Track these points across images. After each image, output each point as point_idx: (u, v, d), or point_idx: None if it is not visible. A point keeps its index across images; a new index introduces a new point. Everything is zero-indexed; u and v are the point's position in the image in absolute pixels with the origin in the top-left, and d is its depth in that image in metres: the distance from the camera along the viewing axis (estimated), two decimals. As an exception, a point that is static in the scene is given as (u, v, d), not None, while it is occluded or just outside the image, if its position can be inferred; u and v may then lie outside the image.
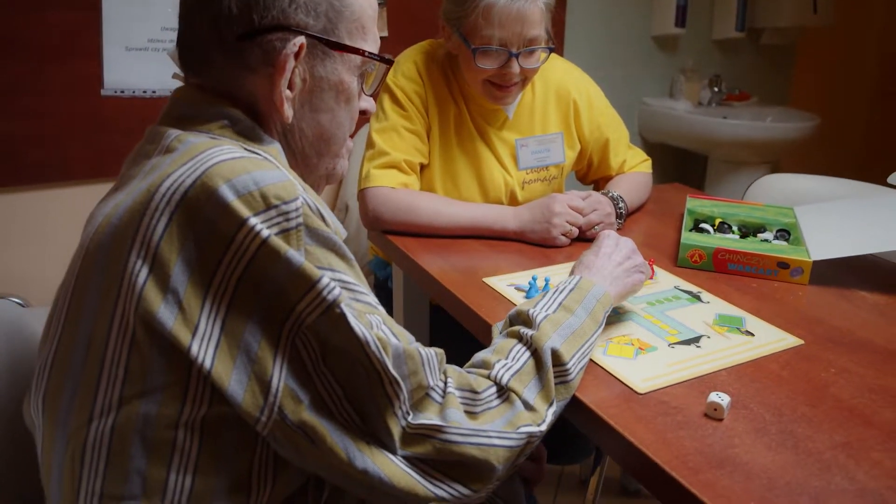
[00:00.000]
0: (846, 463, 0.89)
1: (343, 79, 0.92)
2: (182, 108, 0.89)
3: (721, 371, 1.09)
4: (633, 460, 0.93)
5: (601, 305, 1.07)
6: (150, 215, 0.75)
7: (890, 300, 1.36)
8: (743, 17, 3.23)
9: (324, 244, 0.79)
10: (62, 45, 2.08)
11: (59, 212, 2.21)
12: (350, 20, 0.90)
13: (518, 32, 1.52)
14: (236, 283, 0.75)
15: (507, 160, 1.74)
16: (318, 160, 0.97)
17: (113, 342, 0.76)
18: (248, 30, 0.85)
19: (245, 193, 0.75)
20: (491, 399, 0.91)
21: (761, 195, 1.99)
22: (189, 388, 0.76)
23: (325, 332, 0.77)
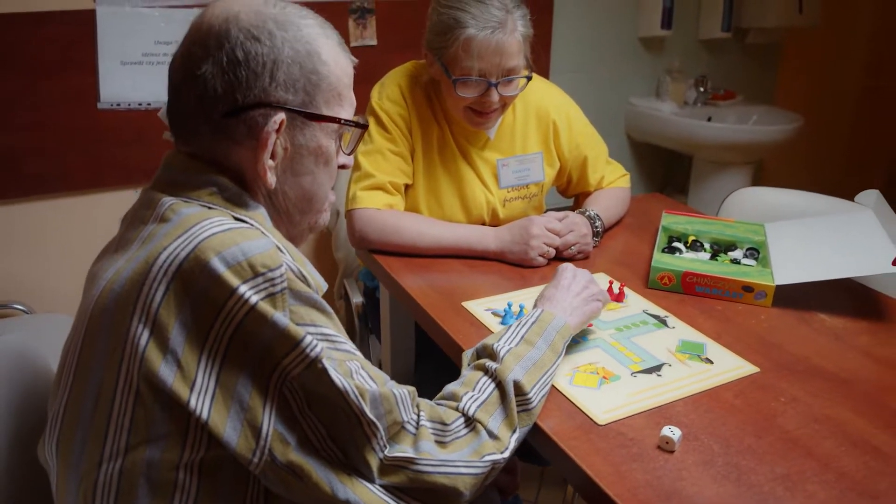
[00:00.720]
0: (783, 495, 0.97)
1: (321, 144, 1.00)
2: (173, 174, 0.96)
3: (678, 401, 1.17)
4: (588, 490, 1.01)
5: (560, 336, 1.17)
6: (150, 285, 0.83)
7: (848, 323, 1.44)
8: (729, 18, 3.28)
9: (306, 303, 0.88)
10: (58, 59, 2.14)
11: (59, 221, 2.27)
12: (326, 91, 0.97)
13: (497, 63, 1.59)
14: (228, 343, 0.83)
15: (488, 179, 1.81)
16: (301, 217, 1.04)
17: (119, 396, 0.85)
18: (233, 108, 0.92)
19: (234, 264, 0.83)
20: (459, 429, 1.00)
21: (736, 209, 2.06)
22: (188, 436, 0.84)
23: (310, 383, 0.86)
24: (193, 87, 0.93)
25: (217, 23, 0.92)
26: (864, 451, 1.06)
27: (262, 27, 0.92)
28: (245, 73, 0.91)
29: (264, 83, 0.92)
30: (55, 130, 2.19)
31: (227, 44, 0.91)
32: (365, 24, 2.53)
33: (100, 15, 2.13)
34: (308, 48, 0.95)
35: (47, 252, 2.29)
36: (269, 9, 0.95)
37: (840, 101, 3.92)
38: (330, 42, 0.99)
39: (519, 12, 1.60)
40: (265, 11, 0.94)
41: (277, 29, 0.93)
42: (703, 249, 1.70)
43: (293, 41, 0.94)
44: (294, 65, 0.94)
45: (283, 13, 0.95)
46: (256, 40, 0.91)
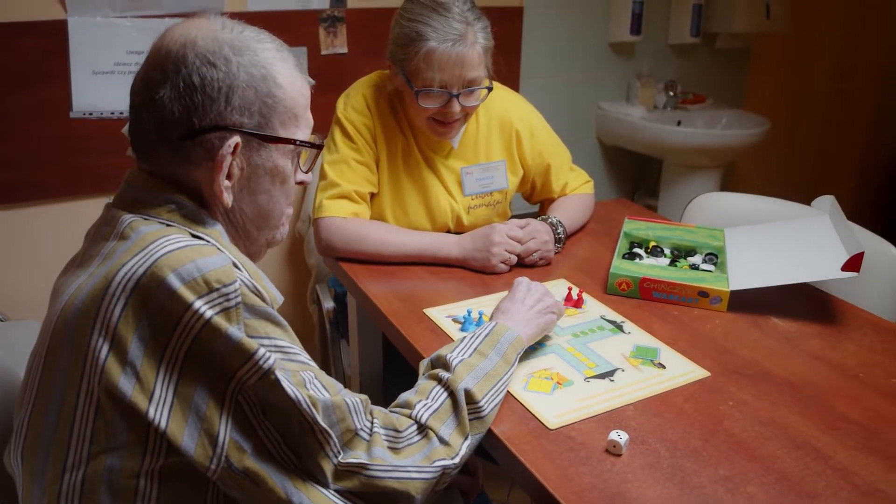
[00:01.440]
0: (724, 497, 1.00)
1: (277, 164, 1.03)
2: (134, 192, 0.99)
3: (629, 405, 1.21)
4: (536, 493, 1.05)
5: (513, 348, 1.21)
6: (109, 300, 0.87)
7: (799, 327, 1.48)
8: (698, 23, 3.32)
9: (260, 316, 0.92)
10: (31, 69, 2.14)
11: (33, 229, 2.28)
12: (282, 113, 1.01)
13: (458, 75, 1.62)
14: (185, 356, 0.87)
15: (453, 187, 1.84)
16: (258, 233, 1.08)
17: (80, 408, 0.88)
18: (189, 131, 0.95)
19: (190, 280, 0.86)
20: (412, 436, 1.04)
21: (699, 213, 2.10)
22: (148, 444, 0.88)
23: (263, 393, 0.89)
24: (152, 110, 0.96)
25: (175, 48, 0.95)
26: (806, 452, 1.10)
27: (219, 53, 0.95)
28: (201, 97, 0.94)
29: (220, 107, 0.95)
30: (28, 139, 2.19)
31: (184, 69, 0.94)
32: (335, 32, 2.56)
33: (71, 25, 2.14)
34: (263, 72, 0.98)
35: (21, 260, 2.30)
36: (225, 34, 0.98)
37: (808, 104, 3.99)
38: (286, 65, 1.01)
39: (479, 24, 1.64)
40: (222, 37, 0.97)
41: (233, 54, 0.96)
42: (663, 255, 1.74)
43: (248, 66, 0.96)
44: (249, 89, 0.96)
45: (240, 38, 0.98)
46: (212, 66, 0.94)
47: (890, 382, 1.29)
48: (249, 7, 2.38)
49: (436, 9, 1.61)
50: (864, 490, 1.02)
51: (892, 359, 1.37)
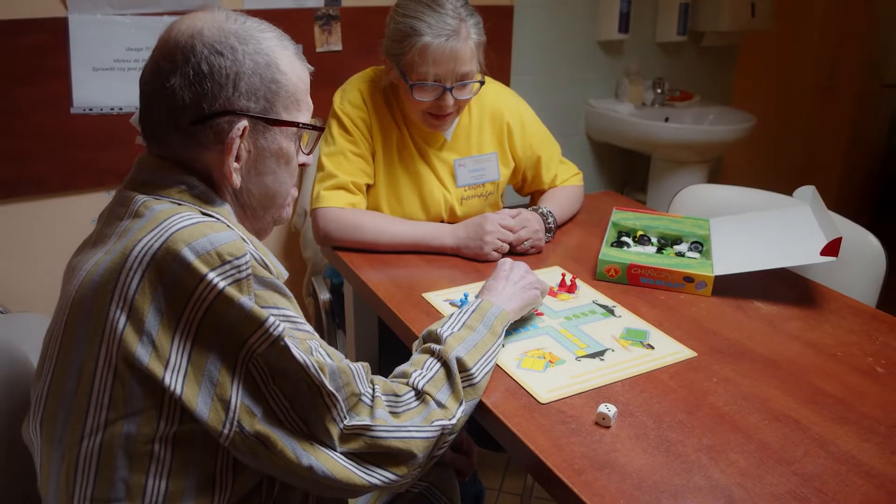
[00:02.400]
0: (707, 464, 1.06)
1: (282, 146, 1.09)
2: (145, 174, 1.05)
3: (617, 382, 1.26)
4: (529, 462, 1.10)
5: (500, 321, 1.29)
6: (126, 274, 0.92)
7: (781, 310, 1.54)
8: (685, 22, 3.38)
9: (269, 287, 0.97)
10: (32, 66, 2.18)
11: (33, 223, 2.32)
12: (285, 98, 1.07)
13: (451, 69, 1.69)
14: (198, 325, 0.92)
15: (446, 178, 1.90)
16: (264, 212, 1.14)
17: (99, 375, 0.93)
18: (199, 116, 1.01)
19: (203, 253, 0.91)
20: (410, 401, 1.11)
21: (685, 205, 2.16)
22: (163, 410, 0.93)
23: (273, 359, 0.95)
24: (163, 98, 1.01)
25: (183, 39, 1.01)
26: (785, 423, 1.16)
27: (225, 42, 1.01)
28: (210, 84, 1.00)
29: (228, 93, 1.01)
30: (29, 135, 2.24)
31: (193, 58, 1.00)
32: (330, 30, 2.61)
33: (72, 22, 2.19)
34: (267, 59, 1.04)
35: (21, 253, 2.34)
36: (230, 24, 1.03)
37: (793, 100, 4.06)
38: (287, 52, 1.07)
39: (472, 20, 1.70)
40: (227, 27, 1.03)
41: (239, 43, 1.02)
42: (651, 243, 1.80)
43: (253, 54, 1.03)
44: (255, 75, 1.02)
45: (244, 28, 1.04)
46: (220, 54, 1.00)
47: (866, 361, 1.35)
48: (245, 5, 2.44)
49: (430, 5, 1.67)
50: (838, 457, 1.08)
51: (868, 339, 1.43)
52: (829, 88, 4.07)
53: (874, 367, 1.33)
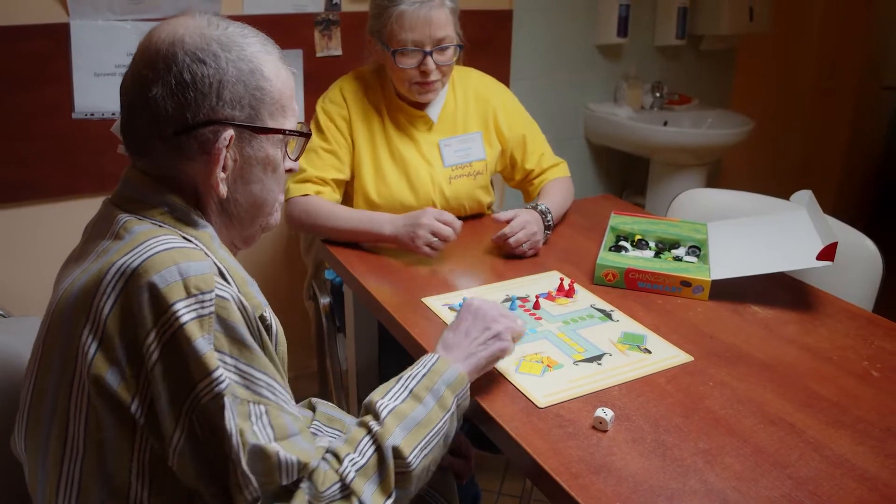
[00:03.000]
0: (703, 467, 1.07)
1: (269, 153, 1.07)
2: (131, 190, 1.04)
3: (615, 386, 1.27)
4: (527, 466, 1.11)
5: (451, 390, 1.13)
6: (100, 296, 0.91)
7: (777, 314, 1.55)
8: (683, 26, 3.39)
9: (231, 334, 0.93)
10: (34, 71, 2.20)
11: (34, 227, 2.33)
12: (270, 104, 1.05)
13: (428, 34, 1.80)
14: (159, 356, 0.90)
15: (434, 160, 1.99)
16: (251, 221, 1.12)
17: (74, 398, 0.93)
18: (183, 126, 0.99)
19: (171, 283, 0.90)
20: (334, 496, 0.99)
21: (684, 209, 2.17)
22: (135, 437, 0.92)
23: (211, 414, 0.91)
24: (146, 108, 0.99)
25: (164, 46, 0.99)
26: (780, 427, 1.17)
27: (207, 49, 0.99)
28: (193, 93, 0.98)
29: (212, 102, 0.99)
30: (30, 140, 2.25)
31: (175, 67, 0.97)
32: (330, 34, 2.62)
33: (74, 28, 2.20)
34: (251, 66, 1.02)
35: (23, 257, 2.35)
36: (212, 31, 1.01)
37: (792, 103, 4.07)
38: (271, 58, 1.05)
39: None
40: (209, 34, 1.00)
41: (222, 50, 1.00)
42: (648, 248, 1.81)
43: (237, 61, 1.00)
44: (238, 83, 1.01)
45: (226, 34, 1.02)
46: (202, 62, 0.98)
47: (861, 364, 1.36)
48: (245, 10, 2.45)
49: None
50: (833, 461, 1.09)
51: (863, 343, 1.44)
52: (828, 91, 4.08)
53: (869, 371, 1.34)
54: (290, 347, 1.16)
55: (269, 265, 2.83)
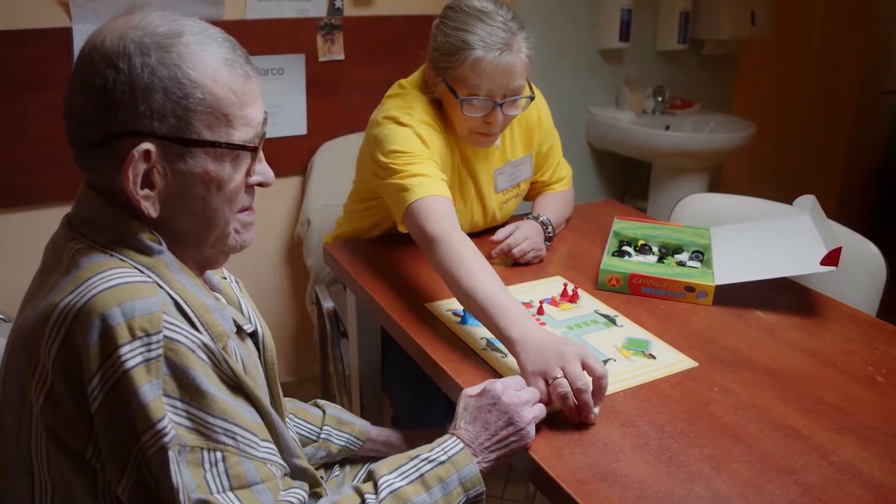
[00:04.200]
0: (709, 474, 1.07)
1: (208, 169, 0.94)
2: (85, 212, 0.96)
3: (619, 392, 1.27)
4: (532, 471, 1.11)
5: (462, 489, 1.06)
6: (45, 342, 0.86)
7: (781, 319, 1.55)
8: (685, 30, 3.40)
9: (181, 377, 0.86)
10: (36, 75, 2.20)
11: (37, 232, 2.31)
12: (204, 114, 0.92)
13: (504, 84, 1.64)
14: (103, 400, 0.84)
15: (488, 187, 1.90)
16: (201, 244, 1.01)
17: (34, 443, 0.90)
18: (102, 137, 0.90)
19: (115, 326, 0.83)
20: None
21: (687, 214, 2.17)
22: (97, 481, 0.88)
23: (156, 467, 0.85)
24: (69, 116, 0.93)
25: (85, 49, 0.91)
26: (786, 433, 1.17)
27: (122, 53, 0.88)
28: (107, 101, 0.88)
29: (127, 111, 0.89)
30: (33, 144, 2.25)
31: (89, 72, 0.89)
32: (333, 39, 2.62)
33: (76, 32, 2.20)
34: (175, 72, 0.90)
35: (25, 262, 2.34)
36: (134, 32, 0.90)
37: (794, 108, 4.08)
38: (210, 60, 0.92)
39: (523, 34, 1.66)
40: (130, 35, 0.89)
41: (139, 54, 0.88)
42: (652, 252, 1.81)
43: (156, 65, 0.89)
44: (156, 91, 0.89)
45: (152, 35, 0.90)
46: (113, 67, 0.88)
47: (866, 370, 1.36)
48: (248, 16, 2.44)
49: (480, 17, 1.62)
50: (839, 467, 1.09)
51: (868, 348, 1.44)
52: (828, 95, 4.08)
53: (874, 377, 1.34)
54: (293, 352, 1.14)
55: (272, 270, 2.83)
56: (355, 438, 1.44)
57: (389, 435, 1.50)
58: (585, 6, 3.21)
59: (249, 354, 1.06)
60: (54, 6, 2.18)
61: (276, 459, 0.98)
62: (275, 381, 1.13)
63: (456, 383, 1.30)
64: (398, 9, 2.69)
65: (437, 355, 1.39)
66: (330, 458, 1.43)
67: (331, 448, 1.41)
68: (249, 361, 1.04)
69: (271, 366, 1.12)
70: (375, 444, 1.48)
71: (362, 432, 1.45)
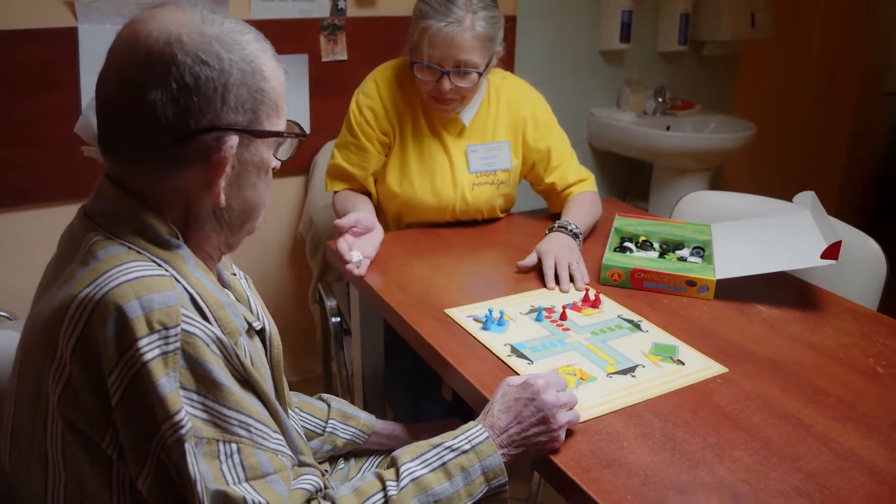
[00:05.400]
0: (712, 461, 1.08)
1: (263, 157, 1.01)
2: (104, 204, 0.97)
3: (652, 399, 1.24)
4: (538, 460, 1.12)
5: (484, 478, 1.06)
6: (63, 333, 0.87)
7: (782, 313, 1.56)
8: (685, 32, 3.41)
9: (198, 370, 0.88)
10: (40, 77, 2.21)
11: (40, 230, 2.33)
12: (268, 106, 0.98)
13: (449, 55, 1.79)
14: (123, 393, 0.85)
15: (459, 164, 1.99)
16: (241, 227, 1.06)
17: (49, 433, 0.90)
18: (184, 133, 0.91)
19: (133, 319, 0.84)
20: None
21: (688, 211, 2.18)
22: (112, 471, 0.89)
23: (175, 457, 0.87)
24: (138, 113, 0.90)
25: (159, 46, 0.90)
26: (788, 422, 1.18)
27: (209, 50, 0.91)
28: (197, 98, 0.90)
29: (216, 107, 0.92)
30: (36, 143, 2.26)
31: (175, 69, 0.89)
32: (336, 39, 2.64)
33: (81, 32, 2.22)
34: (252, 67, 0.95)
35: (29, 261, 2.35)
36: (209, 28, 0.93)
37: (794, 108, 4.10)
38: (267, 56, 0.99)
39: (484, 13, 1.79)
40: (208, 31, 0.92)
41: (224, 51, 0.92)
42: (653, 249, 1.82)
43: (240, 62, 0.93)
44: (242, 86, 0.94)
45: (224, 31, 0.94)
46: (205, 64, 0.90)
47: (866, 362, 1.37)
48: (252, 15, 2.46)
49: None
50: (841, 454, 1.10)
51: (868, 341, 1.45)
52: (829, 96, 4.10)
53: (875, 368, 1.35)
54: (296, 351, 1.14)
55: (275, 270, 2.84)
56: (360, 432, 1.45)
57: (394, 428, 1.51)
58: (586, 7, 3.23)
59: (257, 351, 1.07)
60: (59, 6, 2.19)
61: (286, 451, 0.99)
62: (281, 377, 1.14)
63: (476, 390, 1.27)
64: (401, 9, 2.71)
65: (455, 360, 1.36)
66: (335, 451, 1.44)
67: (336, 441, 1.42)
68: (257, 358, 1.06)
69: (277, 362, 1.13)
70: (380, 438, 1.49)
71: (367, 426, 1.46)
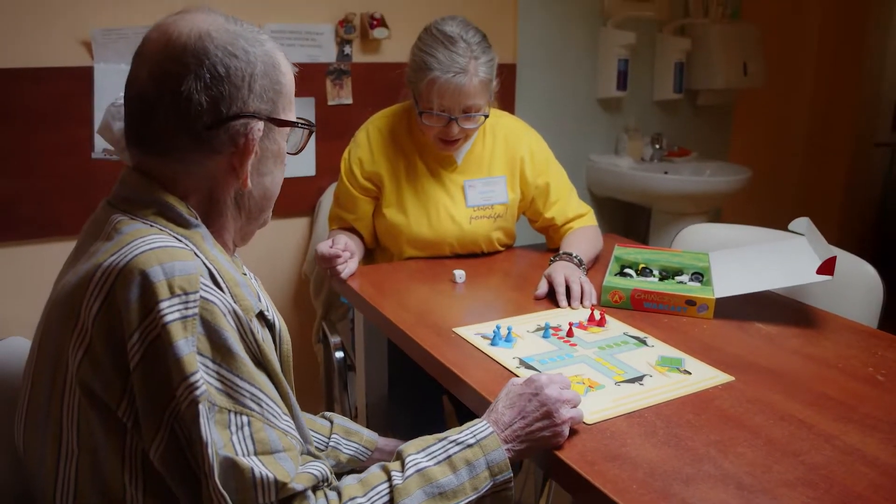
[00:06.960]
0: (716, 456, 1.10)
1: (280, 145, 1.10)
2: (127, 190, 1.03)
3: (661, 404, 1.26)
4: (541, 455, 1.14)
5: (489, 473, 1.06)
6: (87, 300, 0.91)
7: (781, 330, 1.59)
8: (680, 80, 3.50)
9: (214, 338, 0.91)
10: (55, 112, 2.28)
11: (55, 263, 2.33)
12: (285, 97, 1.08)
13: (457, 102, 1.86)
14: (143, 355, 0.88)
15: (457, 198, 2.04)
16: (258, 214, 1.13)
17: (66, 404, 0.93)
18: (216, 120, 1.00)
19: (156, 283, 0.88)
20: None
21: (686, 243, 2.22)
22: (125, 441, 0.92)
23: (188, 421, 0.89)
24: (174, 103, 0.98)
25: (191, 41, 0.98)
26: (790, 422, 1.20)
27: (236, 44, 1.01)
28: (227, 87, 0.99)
29: (244, 94, 1.01)
30: (50, 178, 2.32)
31: (208, 60, 0.98)
32: (341, 84, 2.72)
33: (97, 71, 2.30)
34: (272, 61, 1.05)
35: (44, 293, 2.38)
36: (233, 26, 1.03)
37: (788, 153, 4.17)
38: (281, 54, 1.09)
39: (484, 58, 1.86)
40: (233, 29, 1.02)
41: (249, 45, 1.02)
42: (652, 275, 1.85)
43: (262, 56, 1.03)
44: (265, 77, 1.03)
45: (245, 29, 1.04)
46: (234, 56, 1.00)
47: (866, 370, 1.39)
48: (260, 60, 2.54)
49: (444, 42, 1.84)
50: (844, 449, 1.12)
51: (867, 353, 1.48)
52: (822, 147, 4.18)
53: (875, 376, 1.37)
54: (298, 391, 1.13)
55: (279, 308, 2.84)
56: (364, 448, 1.46)
57: (397, 444, 1.52)
58: (584, 56, 3.33)
59: (267, 342, 1.09)
60: (77, 45, 2.28)
61: (295, 434, 1.01)
62: (289, 373, 1.16)
63: (483, 397, 1.29)
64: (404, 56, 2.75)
65: (461, 371, 1.38)
66: (339, 467, 1.45)
67: (340, 457, 1.43)
68: (268, 348, 1.08)
69: (287, 358, 1.15)
70: (383, 455, 1.49)
71: (370, 442, 1.47)
